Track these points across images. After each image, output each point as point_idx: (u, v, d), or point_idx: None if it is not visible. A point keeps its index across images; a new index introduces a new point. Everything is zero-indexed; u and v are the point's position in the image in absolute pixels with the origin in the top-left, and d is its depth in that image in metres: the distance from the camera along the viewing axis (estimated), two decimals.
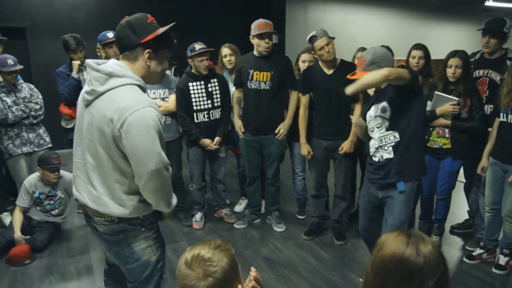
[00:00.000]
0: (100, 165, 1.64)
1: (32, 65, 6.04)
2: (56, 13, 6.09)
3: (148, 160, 1.54)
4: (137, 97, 1.56)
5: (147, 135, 1.53)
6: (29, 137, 3.66)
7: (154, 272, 1.83)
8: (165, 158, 1.61)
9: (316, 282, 2.88)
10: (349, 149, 3.18)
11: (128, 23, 1.61)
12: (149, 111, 1.54)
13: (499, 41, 3.07)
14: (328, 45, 3.05)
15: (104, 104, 1.57)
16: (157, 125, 1.56)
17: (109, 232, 1.74)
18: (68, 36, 3.69)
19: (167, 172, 1.63)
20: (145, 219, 1.75)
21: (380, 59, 2.32)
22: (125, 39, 1.62)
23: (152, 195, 1.63)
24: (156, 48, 1.64)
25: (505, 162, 2.85)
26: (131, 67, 1.64)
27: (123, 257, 1.78)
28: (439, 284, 1.02)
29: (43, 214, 3.44)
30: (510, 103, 2.76)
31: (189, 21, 6.76)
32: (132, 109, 1.52)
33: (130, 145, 1.53)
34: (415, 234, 1.08)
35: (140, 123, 1.52)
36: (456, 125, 3.01)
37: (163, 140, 1.62)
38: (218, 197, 3.89)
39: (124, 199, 1.66)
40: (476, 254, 3.14)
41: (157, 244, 1.84)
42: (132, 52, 1.63)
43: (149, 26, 1.62)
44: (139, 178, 1.58)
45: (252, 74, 3.36)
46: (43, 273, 3.00)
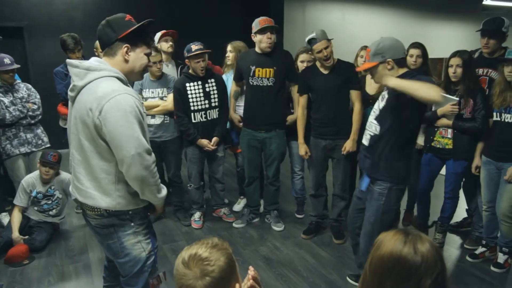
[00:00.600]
0: (86, 158, 1.69)
1: (30, 65, 6.03)
2: (54, 12, 6.07)
3: (127, 144, 1.59)
4: (113, 86, 1.63)
5: (124, 120, 1.58)
6: (27, 137, 3.66)
7: (144, 268, 1.87)
8: (145, 143, 1.65)
9: (315, 281, 2.88)
10: (351, 148, 3.18)
11: (107, 21, 1.71)
12: (125, 98, 1.60)
13: (498, 41, 3.08)
14: (326, 48, 3.04)
15: (85, 96, 1.64)
16: (134, 111, 1.61)
17: (100, 226, 1.80)
18: (66, 36, 3.69)
19: (149, 156, 1.67)
20: (134, 214, 1.79)
21: (384, 50, 2.24)
22: (104, 37, 1.71)
23: (136, 182, 1.67)
24: (133, 43, 1.71)
25: (499, 160, 2.86)
26: (111, 62, 1.71)
27: (114, 250, 1.84)
28: (437, 283, 1.02)
29: (41, 214, 3.43)
30: (503, 102, 2.79)
31: (188, 20, 6.76)
32: (108, 96, 1.58)
33: (109, 131, 1.59)
34: (412, 233, 1.09)
35: (116, 109, 1.58)
36: (457, 125, 3.00)
37: (143, 126, 1.67)
38: (216, 197, 3.89)
39: (111, 189, 1.70)
40: (479, 252, 3.15)
41: (148, 240, 1.87)
42: (111, 48, 1.71)
43: (127, 23, 1.70)
44: (121, 163, 1.63)
45: (254, 71, 3.35)
46: (41, 273, 3.00)
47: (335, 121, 3.19)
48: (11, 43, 5.91)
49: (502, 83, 2.78)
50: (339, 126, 3.20)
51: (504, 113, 2.81)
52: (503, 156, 2.84)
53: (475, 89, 2.97)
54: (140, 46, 1.74)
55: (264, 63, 3.34)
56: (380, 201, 2.39)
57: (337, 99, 3.16)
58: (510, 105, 2.76)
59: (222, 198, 3.93)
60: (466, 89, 2.95)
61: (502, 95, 2.78)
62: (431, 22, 9.50)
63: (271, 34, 3.27)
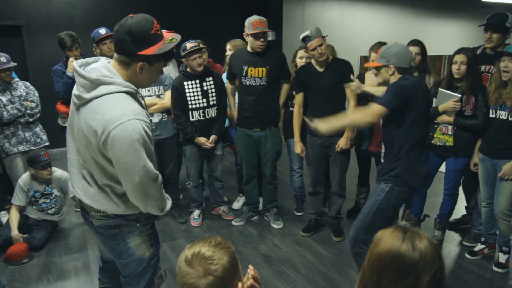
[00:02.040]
0: (91, 168, 1.65)
1: (28, 63, 6.02)
2: (52, 11, 6.06)
3: (133, 173, 1.52)
4: (122, 108, 1.51)
5: (131, 149, 1.49)
6: (25, 136, 3.65)
7: (147, 269, 1.85)
8: (152, 169, 1.57)
9: (314, 279, 2.88)
10: (345, 145, 3.19)
11: (130, 29, 1.51)
12: (133, 124, 1.49)
13: (501, 36, 3.06)
14: (321, 46, 3.04)
15: (90, 113, 1.54)
16: (142, 138, 1.51)
17: (104, 227, 1.75)
18: (63, 34, 3.67)
19: (154, 183, 1.60)
20: (140, 214, 1.76)
21: (390, 55, 2.35)
22: (123, 44, 1.54)
23: (139, 203, 1.63)
24: (151, 61, 1.58)
25: (494, 157, 2.86)
26: (122, 73, 1.59)
27: (117, 251, 1.79)
28: (435, 279, 1.02)
29: (39, 213, 3.43)
30: (498, 99, 2.77)
31: (186, 18, 6.74)
32: (116, 122, 1.48)
33: (114, 158, 1.52)
34: (411, 229, 1.09)
35: (123, 137, 1.47)
36: (458, 122, 2.99)
37: (151, 151, 1.58)
38: (215, 195, 3.89)
39: (116, 199, 1.67)
40: (477, 249, 3.15)
41: (151, 241, 1.85)
42: (127, 58, 1.56)
43: (151, 37, 1.54)
44: (125, 187, 1.59)
45: (247, 70, 3.35)
46: (41, 271, 3.00)
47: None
48: (10, 41, 5.90)
49: (498, 79, 2.77)
50: None
51: (499, 110, 2.80)
52: (497, 153, 2.84)
53: (478, 86, 2.97)
54: (158, 63, 1.61)
55: (257, 62, 3.33)
56: (379, 196, 2.43)
57: (333, 97, 3.16)
58: (505, 102, 2.75)
59: (221, 196, 3.93)
60: (469, 86, 2.94)
61: (498, 92, 2.77)
62: (430, 20, 9.48)
63: (264, 39, 3.27)
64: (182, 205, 4.04)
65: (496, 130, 2.84)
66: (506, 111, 2.75)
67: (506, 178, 2.76)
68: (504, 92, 2.74)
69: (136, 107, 1.56)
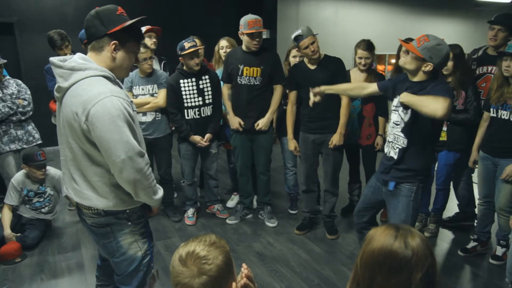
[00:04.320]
0: (78, 160, 1.65)
1: (21, 61, 5.98)
2: (44, 8, 6.02)
3: (116, 149, 1.53)
4: (99, 88, 1.54)
5: (112, 125, 1.51)
6: (18, 134, 3.62)
7: (140, 268, 1.84)
8: (136, 145, 1.59)
9: (309, 277, 2.89)
10: (338, 141, 3.20)
11: (97, 13, 1.61)
12: (112, 101, 1.52)
13: (507, 36, 3.08)
14: (313, 44, 3.06)
15: (70, 99, 1.57)
16: (122, 113, 1.54)
17: (96, 225, 1.76)
18: (52, 33, 3.64)
19: (141, 159, 1.60)
20: (132, 213, 1.76)
21: (437, 55, 2.15)
22: (92, 29, 1.62)
23: (129, 185, 1.62)
24: (123, 40, 1.63)
25: (495, 156, 2.89)
26: (96, 58, 1.63)
27: (110, 250, 1.80)
28: (427, 276, 1.03)
29: (33, 212, 3.41)
30: (500, 98, 2.78)
31: (181, 16, 6.73)
32: (93, 100, 1.51)
33: (97, 137, 1.53)
34: (403, 227, 1.09)
35: (102, 113, 1.50)
36: (450, 117, 3.05)
37: (134, 128, 1.61)
38: (210, 193, 3.89)
39: (106, 191, 1.66)
40: (470, 246, 3.18)
41: (144, 239, 1.85)
42: (98, 42, 1.62)
43: (118, 17, 1.62)
44: (113, 168, 1.59)
45: (242, 70, 3.35)
46: (34, 271, 2.98)
47: (323, 116, 3.21)
48: (2, 39, 5.87)
49: (500, 78, 2.78)
50: (327, 121, 3.22)
51: (501, 110, 2.81)
52: (499, 152, 2.86)
53: (467, 81, 3.05)
54: (129, 43, 1.66)
55: (252, 62, 3.33)
56: (410, 197, 2.35)
57: (325, 94, 3.16)
58: (506, 102, 2.76)
59: (216, 195, 3.92)
60: (458, 81, 3.01)
61: (499, 91, 2.78)
62: (424, 18, 9.53)
63: (259, 39, 3.27)
64: (176, 204, 4.04)
65: (497, 129, 2.86)
66: (508, 110, 2.76)
67: (510, 179, 2.77)
68: (506, 92, 2.74)
69: (114, 87, 1.60)
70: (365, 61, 3.30)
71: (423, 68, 2.19)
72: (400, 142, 2.33)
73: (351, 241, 3.39)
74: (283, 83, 3.43)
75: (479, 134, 3.05)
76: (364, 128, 3.44)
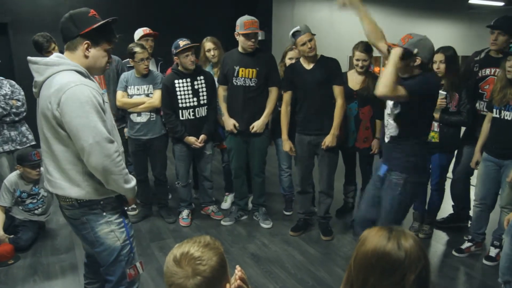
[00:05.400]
0: (52, 150, 1.72)
1: (15, 61, 5.94)
2: (39, 8, 5.98)
3: (84, 134, 1.62)
4: (69, 78, 1.65)
5: (80, 110, 1.61)
6: (11, 135, 3.59)
7: (120, 258, 1.88)
8: (104, 131, 1.67)
9: (303, 278, 2.89)
10: (331, 143, 3.20)
11: (70, 16, 1.73)
12: (81, 88, 1.63)
13: (507, 39, 3.09)
14: (310, 41, 3.07)
15: (44, 91, 1.69)
16: (91, 100, 1.64)
17: (72, 217, 1.83)
18: (36, 36, 3.63)
19: (110, 144, 1.68)
20: (106, 203, 1.82)
21: (422, 48, 2.24)
22: (65, 31, 1.73)
23: (98, 171, 1.69)
24: (94, 40, 1.73)
25: (499, 157, 2.91)
26: (71, 57, 1.73)
27: (89, 240, 1.87)
28: (421, 277, 1.04)
29: (26, 213, 3.38)
30: (503, 99, 2.80)
31: (175, 17, 6.71)
32: (64, 88, 1.61)
33: (66, 122, 1.62)
34: (396, 229, 1.10)
35: (71, 99, 1.61)
36: (443, 119, 3.09)
37: (103, 116, 1.69)
38: (204, 194, 3.88)
39: (79, 179, 1.73)
40: (464, 247, 3.20)
41: (122, 229, 1.88)
42: (72, 42, 1.72)
43: (90, 19, 1.73)
44: (82, 153, 1.66)
45: (238, 71, 3.35)
46: (27, 273, 2.95)
47: (318, 117, 3.22)
48: None
49: (504, 79, 2.80)
50: (322, 122, 3.22)
51: (504, 111, 2.82)
52: (503, 153, 2.88)
53: (460, 83, 3.08)
54: (101, 43, 1.76)
55: (248, 63, 3.33)
56: (396, 191, 2.39)
57: (320, 95, 3.18)
58: (510, 103, 2.77)
59: (210, 196, 3.92)
60: (451, 83, 3.04)
61: (503, 92, 2.79)
62: (418, 20, 9.58)
63: (255, 40, 3.27)
64: (171, 205, 4.02)
65: (500, 130, 2.87)
66: (511, 111, 2.78)
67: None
68: (509, 93, 2.76)
69: (85, 79, 1.69)
70: (363, 63, 3.30)
71: (412, 64, 2.27)
72: (392, 130, 2.42)
73: (346, 243, 3.40)
74: (279, 85, 3.43)
75: (482, 135, 3.07)
76: (361, 131, 3.44)
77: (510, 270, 2.40)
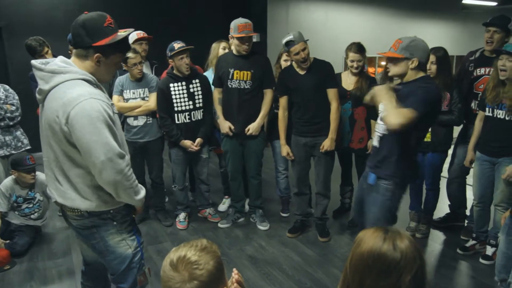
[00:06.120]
0: (59, 162, 1.67)
1: (9, 65, 5.91)
2: (33, 12, 5.95)
3: (96, 150, 1.55)
4: (78, 91, 1.56)
5: (91, 126, 1.54)
6: (6, 140, 3.57)
7: (132, 265, 1.85)
8: (116, 147, 1.61)
9: (301, 279, 2.89)
10: (329, 147, 3.21)
11: (83, 23, 1.61)
12: (91, 103, 1.55)
13: (503, 37, 3.11)
14: (304, 50, 3.07)
15: (51, 101, 1.60)
16: (102, 115, 1.56)
17: (81, 227, 1.77)
18: (29, 40, 3.61)
19: (121, 160, 1.62)
20: (116, 213, 1.77)
21: (416, 49, 2.21)
22: (77, 38, 1.62)
23: (110, 186, 1.64)
24: (107, 53, 1.64)
25: (493, 155, 2.93)
26: (79, 65, 1.65)
27: (99, 250, 1.82)
28: (416, 278, 1.04)
29: (22, 218, 3.36)
30: (496, 98, 2.81)
31: (168, 19, 6.69)
32: (73, 102, 1.53)
33: (77, 138, 1.56)
34: (392, 230, 1.10)
35: (81, 115, 1.53)
36: None
37: (114, 130, 1.63)
38: (201, 197, 3.87)
39: (88, 192, 1.68)
40: (469, 245, 3.22)
41: (132, 236, 1.85)
42: (83, 51, 1.64)
43: (105, 29, 1.61)
44: (93, 169, 1.61)
45: (233, 73, 3.35)
46: (23, 278, 2.94)
47: (314, 120, 3.23)
48: None
49: (496, 78, 2.81)
50: (318, 125, 3.23)
51: (496, 109, 2.84)
52: (496, 152, 2.90)
53: (452, 83, 3.11)
54: (114, 55, 1.68)
55: (243, 65, 3.33)
56: (386, 196, 2.35)
57: (315, 98, 3.19)
58: (502, 101, 2.79)
59: (207, 199, 3.91)
60: (442, 83, 3.05)
61: (495, 90, 2.80)
62: (412, 21, 9.62)
63: (249, 43, 3.27)
64: (168, 208, 4.02)
65: (493, 129, 2.89)
66: (504, 110, 2.79)
67: (510, 179, 2.78)
68: (502, 91, 2.77)
69: (94, 90, 1.62)
70: (357, 63, 3.31)
71: (410, 66, 2.23)
72: (380, 130, 2.36)
73: (343, 244, 3.41)
74: (274, 87, 3.43)
75: (474, 134, 3.09)
76: (356, 132, 3.44)
77: (506, 268, 2.41)
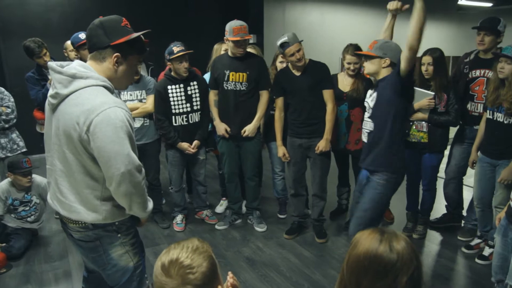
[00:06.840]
0: (70, 171, 1.59)
1: (5, 68, 5.89)
2: (29, 14, 5.94)
3: (117, 162, 1.49)
4: (102, 98, 1.51)
5: (114, 136, 1.48)
6: (1, 143, 3.56)
7: (133, 278, 1.80)
8: (136, 159, 1.56)
9: (298, 281, 2.89)
10: (324, 147, 3.22)
11: (101, 23, 1.58)
12: (115, 112, 1.49)
13: (494, 39, 3.13)
14: (298, 51, 3.08)
15: (69, 107, 1.52)
16: (125, 126, 1.51)
17: (84, 239, 1.70)
18: (27, 42, 3.58)
19: (139, 174, 1.57)
20: (121, 225, 1.71)
21: (388, 49, 2.49)
22: (95, 39, 1.58)
23: (124, 199, 1.58)
24: (125, 52, 1.60)
25: (494, 157, 2.95)
26: (97, 68, 1.59)
27: (100, 263, 1.75)
28: (413, 279, 1.04)
29: (18, 221, 3.35)
30: (496, 101, 2.82)
31: (165, 21, 6.69)
32: (97, 110, 1.47)
33: (97, 148, 1.48)
34: (388, 231, 1.10)
35: (106, 124, 1.46)
36: (432, 119, 3.14)
37: (133, 141, 1.57)
38: (198, 199, 3.87)
39: (96, 204, 1.61)
40: (474, 244, 3.25)
41: (135, 250, 1.81)
42: (101, 53, 1.58)
43: (122, 29, 1.59)
44: (110, 181, 1.54)
45: (228, 75, 3.35)
46: (19, 281, 2.92)
47: (310, 121, 3.23)
48: None
49: (496, 80, 2.83)
50: (314, 126, 3.23)
51: (496, 112, 2.86)
52: (497, 153, 2.92)
53: (448, 84, 3.14)
54: (131, 55, 1.63)
55: (238, 67, 3.33)
56: (376, 189, 2.51)
57: (311, 99, 3.20)
58: (502, 104, 2.80)
59: (204, 201, 3.91)
60: (439, 84, 3.10)
61: (495, 93, 2.82)
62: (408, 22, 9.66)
63: (244, 44, 3.28)
64: (165, 210, 4.01)
65: (493, 131, 2.92)
66: (503, 113, 2.81)
67: (505, 183, 2.82)
68: (502, 94, 2.78)
69: (118, 100, 1.56)
70: (354, 65, 3.31)
71: (383, 65, 2.48)
72: (367, 126, 2.59)
73: (340, 245, 3.41)
74: (269, 88, 3.44)
75: (478, 135, 3.12)
76: (352, 133, 3.44)
77: (502, 269, 2.42)
